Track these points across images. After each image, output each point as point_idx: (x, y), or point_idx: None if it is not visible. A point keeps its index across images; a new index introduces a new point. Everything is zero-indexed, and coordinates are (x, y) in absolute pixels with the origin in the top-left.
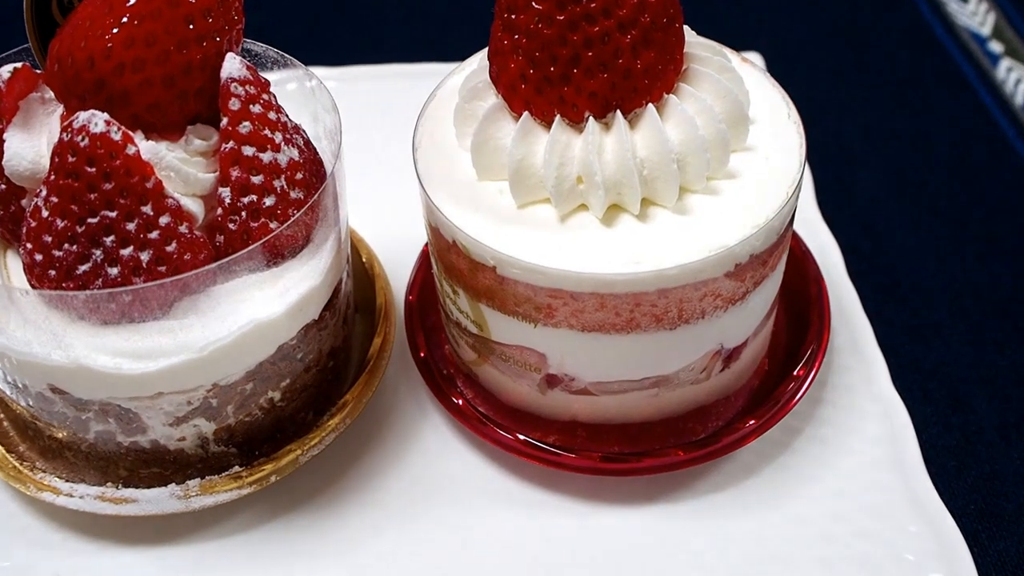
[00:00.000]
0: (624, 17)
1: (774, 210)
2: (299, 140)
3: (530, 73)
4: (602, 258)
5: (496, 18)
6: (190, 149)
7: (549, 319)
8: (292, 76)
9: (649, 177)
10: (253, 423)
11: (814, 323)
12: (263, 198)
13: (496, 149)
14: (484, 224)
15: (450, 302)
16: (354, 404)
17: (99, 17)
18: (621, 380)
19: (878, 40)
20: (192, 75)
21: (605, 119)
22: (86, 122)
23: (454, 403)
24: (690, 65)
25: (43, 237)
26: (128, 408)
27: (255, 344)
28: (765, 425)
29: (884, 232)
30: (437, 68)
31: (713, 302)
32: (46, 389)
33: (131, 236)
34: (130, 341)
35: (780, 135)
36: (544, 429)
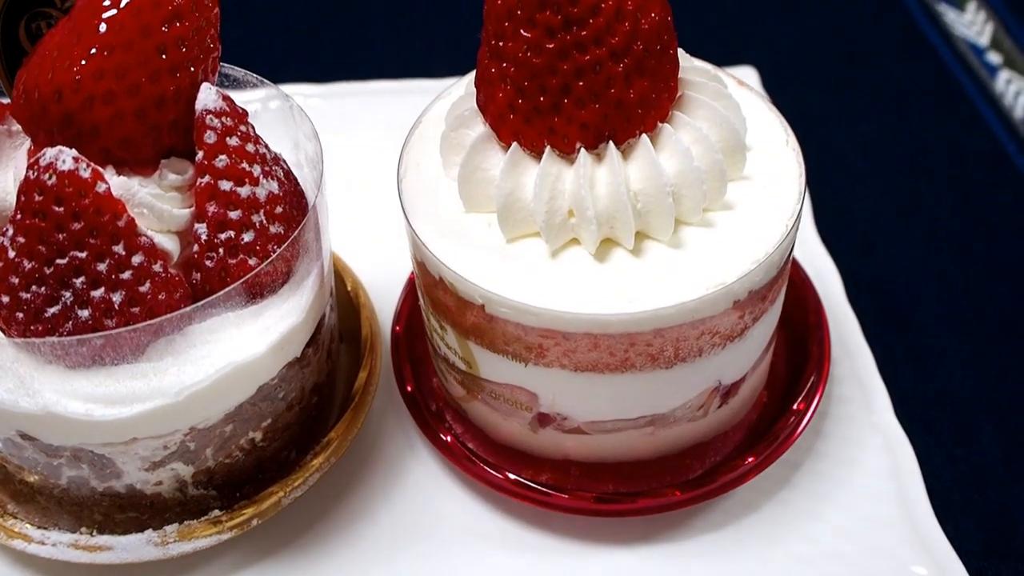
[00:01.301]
0: (616, 45)
1: (773, 244)
2: (279, 172)
3: (519, 103)
4: (595, 297)
5: (483, 44)
6: (164, 184)
7: (540, 359)
8: (272, 100)
9: (643, 210)
10: (234, 465)
11: (813, 353)
12: (241, 234)
13: (484, 180)
14: (472, 260)
15: (438, 337)
16: (339, 442)
17: (67, 47)
18: (615, 419)
19: (873, 51)
20: (165, 108)
21: (597, 150)
22: (53, 159)
23: (443, 440)
24: (685, 92)
25: (10, 279)
26: (101, 454)
27: (234, 386)
28: (764, 463)
29: (883, 252)
30: (424, 85)
31: (711, 339)
32: (15, 435)
33: (102, 277)
34: (102, 386)
35: (778, 163)
36: (536, 467)
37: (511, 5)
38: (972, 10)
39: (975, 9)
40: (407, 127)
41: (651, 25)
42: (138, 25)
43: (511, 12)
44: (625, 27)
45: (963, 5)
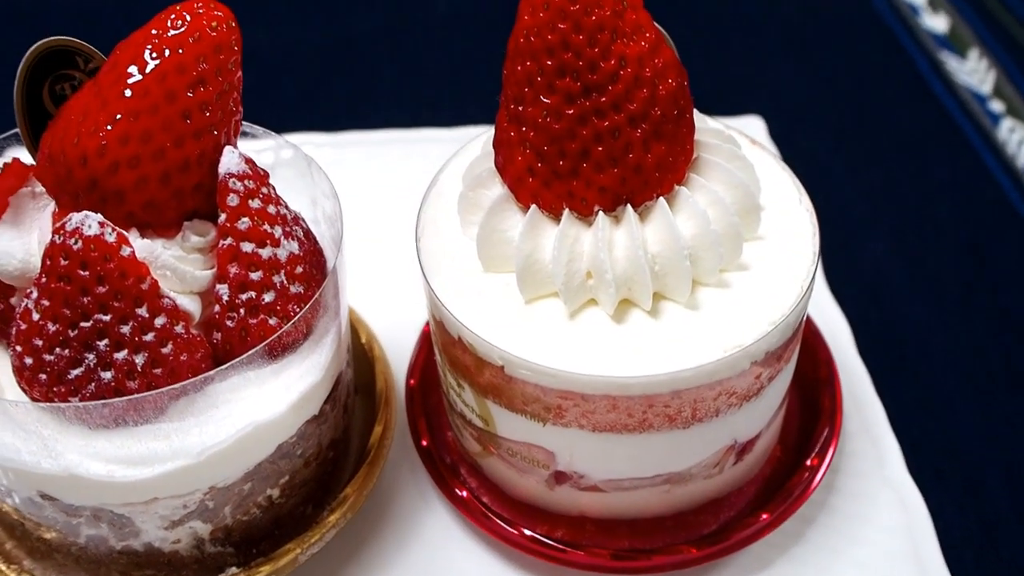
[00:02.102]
0: (635, 111)
1: (789, 306)
2: (299, 231)
3: (538, 167)
4: (614, 358)
5: (502, 108)
6: (186, 246)
7: (559, 419)
8: (290, 156)
9: (660, 272)
10: (251, 521)
11: (826, 407)
12: (262, 294)
13: (502, 241)
14: (491, 320)
15: (454, 394)
16: (355, 498)
17: (93, 112)
18: (632, 478)
19: (878, 99)
20: (189, 171)
21: (615, 212)
22: (79, 224)
23: (458, 495)
24: (700, 154)
25: (33, 340)
26: (121, 513)
27: (254, 445)
28: (779, 519)
29: (891, 302)
30: (434, 134)
31: (728, 400)
32: (35, 495)
33: (125, 339)
34: (124, 447)
35: (791, 222)
36: (551, 523)
37: (531, 71)
38: (974, 58)
39: (977, 57)
40: (417, 177)
41: (668, 91)
42: (163, 90)
43: (531, 78)
44: (643, 93)
45: (965, 53)
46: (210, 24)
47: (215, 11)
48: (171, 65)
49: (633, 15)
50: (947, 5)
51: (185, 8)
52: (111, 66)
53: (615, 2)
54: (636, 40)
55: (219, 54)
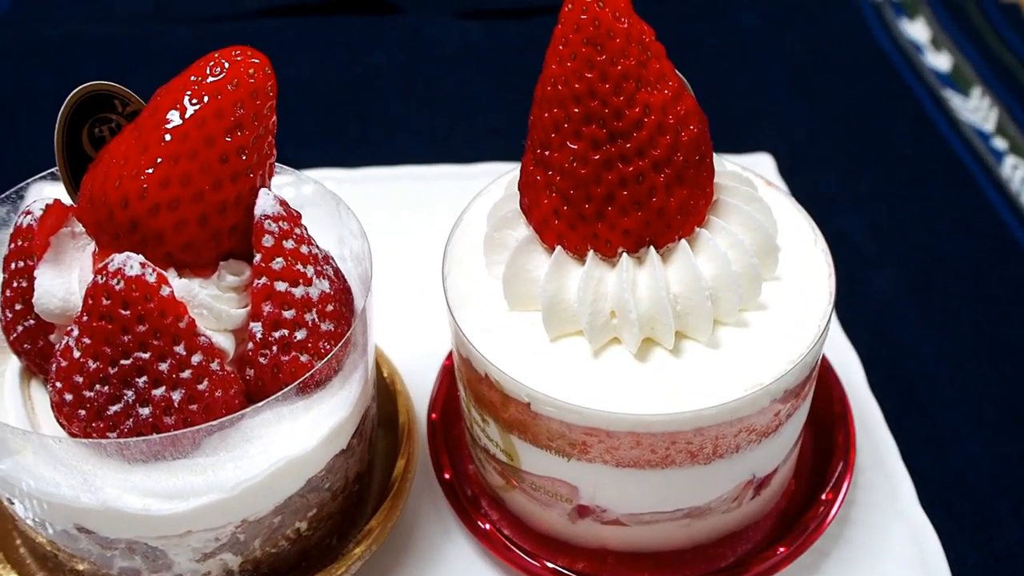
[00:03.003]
0: (658, 157)
1: (807, 345)
2: (329, 270)
3: (563, 209)
4: (638, 396)
5: (527, 151)
6: (222, 285)
7: (583, 454)
8: (317, 197)
9: (682, 312)
10: (279, 554)
11: (840, 442)
12: (294, 332)
13: (528, 281)
14: (517, 358)
15: (478, 429)
16: (380, 531)
17: (134, 155)
18: (654, 512)
19: (883, 136)
20: (226, 213)
21: (638, 254)
22: (121, 265)
23: (481, 528)
24: (719, 197)
25: (74, 377)
26: (155, 546)
27: (286, 479)
28: (795, 552)
29: (898, 337)
30: (449, 170)
31: (748, 436)
32: (72, 528)
33: (163, 376)
34: (161, 482)
35: (808, 263)
36: (573, 556)
37: (558, 118)
38: (977, 96)
39: (980, 95)
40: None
41: (690, 137)
42: (202, 135)
43: (558, 124)
44: (667, 140)
45: (968, 91)
46: (247, 71)
47: (252, 58)
48: (210, 110)
49: (657, 64)
50: (949, 44)
51: (223, 55)
52: (151, 111)
53: (640, 52)
54: (660, 88)
55: (255, 99)
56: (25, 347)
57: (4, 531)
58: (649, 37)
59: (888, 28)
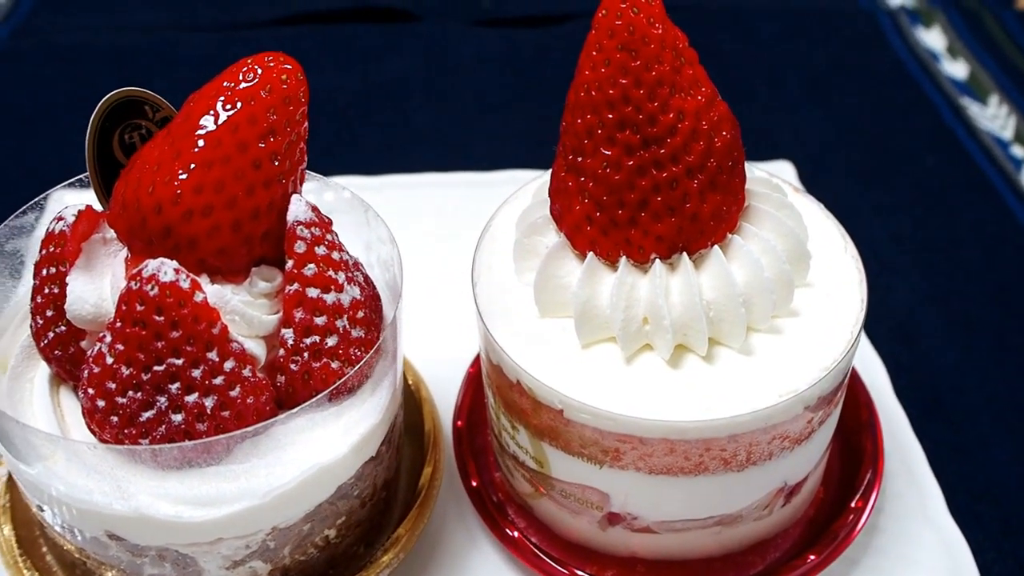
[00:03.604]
0: (692, 163)
1: (841, 352)
2: (359, 277)
3: (596, 215)
4: (671, 403)
5: (559, 157)
6: (254, 291)
7: (616, 461)
8: (345, 204)
9: (715, 319)
10: (307, 561)
11: (868, 449)
12: (325, 338)
13: (559, 287)
14: (549, 365)
15: (507, 436)
16: (407, 538)
17: (167, 161)
18: (686, 519)
19: (903, 144)
20: (259, 219)
21: (670, 260)
22: (155, 271)
23: (509, 536)
24: (750, 203)
25: (106, 384)
26: (186, 553)
27: (317, 487)
28: (826, 560)
29: (923, 344)
30: (470, 178)
31: (781, 443)
32: (102, 535)
33: (196, 383)
34: (193, 488)
35: (838, 270)
36: (601, 563)
37: (591, 124)
38: (995, 104)
39: (997, 103)
40: (456, 220)
41: (723, 143)
42: (235, 141)
43: (591, 131)
44: (700, 146)
45: (985, 99)
46: (280, 77)
47: (284, 63)
48: (243, 116)
49: (690, 70)
50: (966, 52)
51: (256, 61)
52: (184, 116)
53: (674, 58)
54: (693, 94)
55: (288, 106)
56: (56, 353)
57: (30, 538)
58: (683, 43)
59: (904, 37)
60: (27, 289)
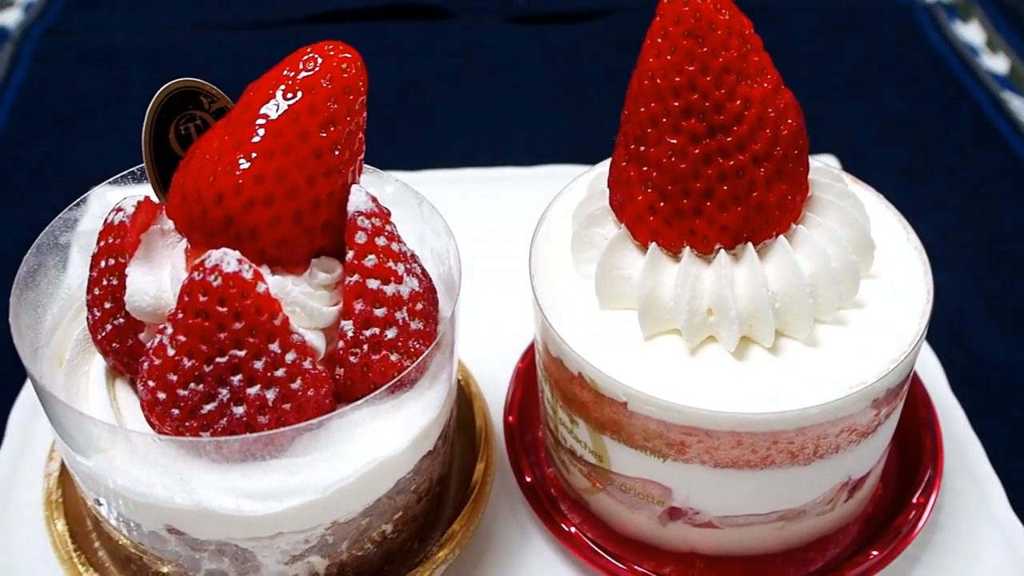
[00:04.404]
0: (758, 151)
1: (910, 344)
2: (417, 269)
3: (660, 205)
4: (738, 395)
5: (619, 147)
6: (314, 283)
7: (680, 455)
8: (399, 196)
9: (781, 310)
10: (364, 557)
11: (927, 446)
12: (385, 330)
13: (620, 279)
14: (612, 357)
15: (565, 430)
16: (462, 534)
17: (227, 151)
18: (749, 514)
19: (945, 139)
20: (320, 209)
21: (734, 250)
22: (218, 261)
23: (565, 531)
24: (813, 192)
25: (168, 376)
26: (245, 548)
27: (377, 481)
28: (889, 556)
29: (974, 341)
30: (510, 173)
31: (848, 436)
32: (162, 529)
33: (258, 375)
34: (256, 482)
35: (901, 260)
36: (659, 559)
37: (656, 113)
38: None
39: None
40: (499, 215)
41: (789, 131)
42: (296, 130)
43: (655, 119)
44: (767, 133)
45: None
46: (340, 66)
47: (344, 52)
48: (304, 106)
49: (756, 57)
50: (1005, 45)
51: (316, 50)
52: (244, 106)
53: (740, 44)
54: (759, 81)
55: (348, 95)
56: (113, 346)
57: (83, 533)
58: (748, 29)
59: (942, 31)
60: (78, 283)
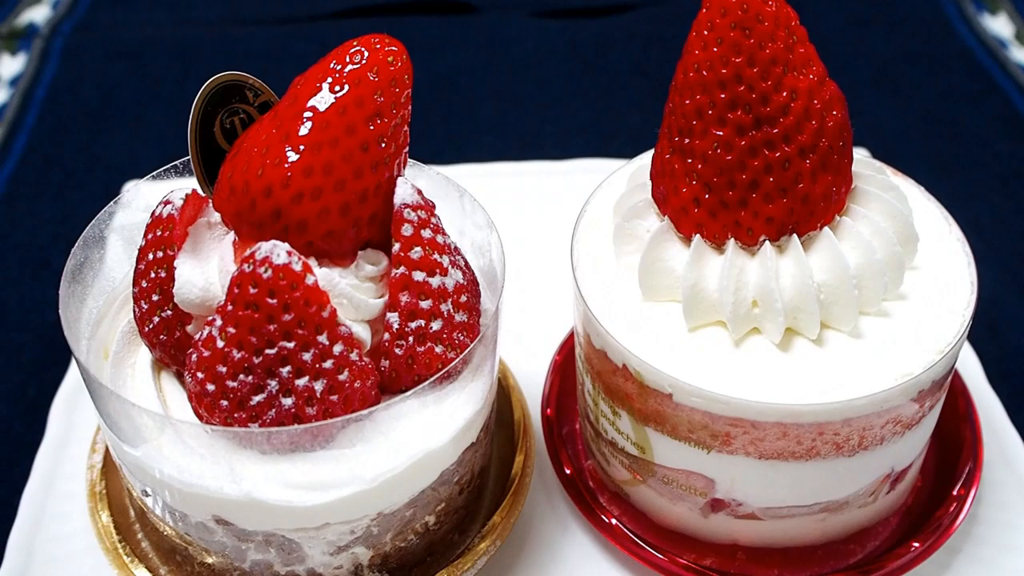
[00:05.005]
0: (804, 143)
1: (955, 335)
2: (461, 261)
3: (705, 197)
4: (784, 386)
5: (662, 139)
6: (361, 275)
7: (725, 446)
8: (439, 189)
9: (826, 301)
10: (407, 548)
11: (967, 438)
12: (430, 323)
13: (663, 271)
14: (657, 348)
15: (607, 422)
16: (503, 526)
17: (275, 144)
18: (792, 506)
19: (974, 133)
20: (367, 202)
21: (778, 242)
22: (268, 253)
23: (605, 523)
24: (857, 185)
25: (217, 367)
26: (291, 539)
27: (422, 472)
28: (930, 548)
29: (1009, 335)
30: (541, 167)
31: (893, 428)
32: (210, 520)
33: (307, 366)
34: (304, 473)
35: (944, 252)
36: (700, 551)
37: (701, 104)
38: None
39: None
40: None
41: (835, 122)
42: (343, 123)
43: (701, 111)
44: (812, 125)
45: None
46: (386, 59)
47: (390, 46)
48: (351, 99)
49: (802, 49)
50: None
51: (362, 43)
52: (291, 99)
53: (787, 36)
54: (805, 73)
55: (394, 88)
56: (161, 338)
57: (126, 524)
58: (794, 20)
59: (970, 24)
60: (121, 277)
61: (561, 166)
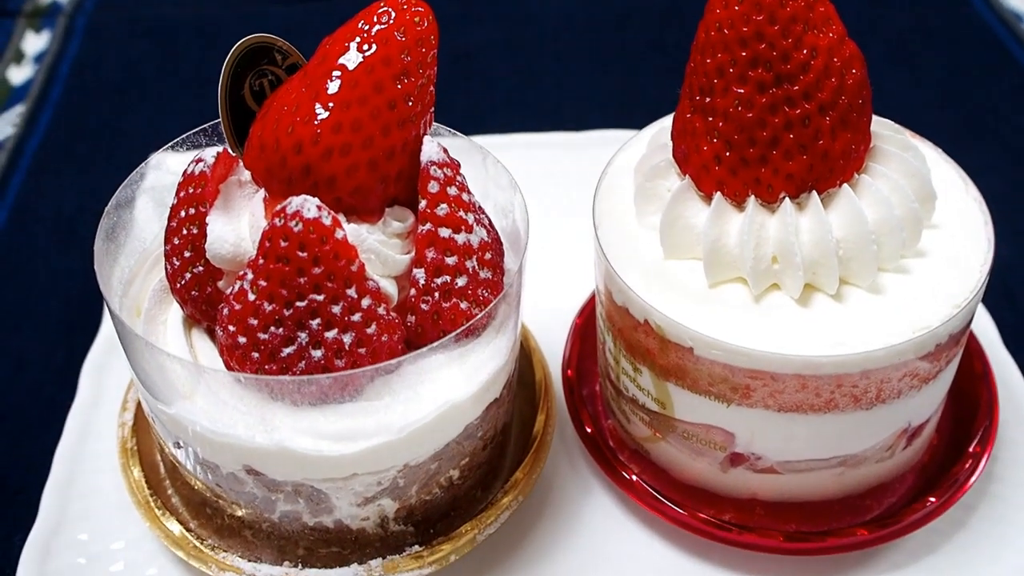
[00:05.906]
0: (824, 100)
1: (972, 290)
2: (485, 220)
3: (726, 155)
4: (804, 338)
5: (683, 99)
6: (388, 231)
7: (745, 399)
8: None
9: (845, 257)
10: (432, 501)
11: (983, 397)
12: (455, 279)
13: (685, 228)
14: (678, 303)
15: (627, 379)
16: (525, 481)
17: (305, 102)
18: (810, 459)
19: (990, 107)
20: (394, 159)
21: (798, 199)
22: (299, 207)
23: (626, 479)
24: (875, 143)
25: (248, 320)
26: (320, 489)
27: (447, 424)
28: (946, 504)
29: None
30: (561, 138)
31: (910, 382)
32: (240, 470)
33: (336, 319)
34: (333, 423)
35: (961, 211)
36: (719, 506)
37: (722, 63)
38: None
39: None
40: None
41: (854, 80)
42: (371, 81)
43: (722, 70)
44: (832, 82)
45: None
46: (413, 19)
47: (417, 7)
48: (378, 58)
49: (822, 7)
50: None
51: (390, 3)
52: (320, 59)
53: None
54: (825, 31)
55: (421, 47)
56: (192, 294)
57: (156, 480)
58: None
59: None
60: (151, 237)
61: (581, 136)
